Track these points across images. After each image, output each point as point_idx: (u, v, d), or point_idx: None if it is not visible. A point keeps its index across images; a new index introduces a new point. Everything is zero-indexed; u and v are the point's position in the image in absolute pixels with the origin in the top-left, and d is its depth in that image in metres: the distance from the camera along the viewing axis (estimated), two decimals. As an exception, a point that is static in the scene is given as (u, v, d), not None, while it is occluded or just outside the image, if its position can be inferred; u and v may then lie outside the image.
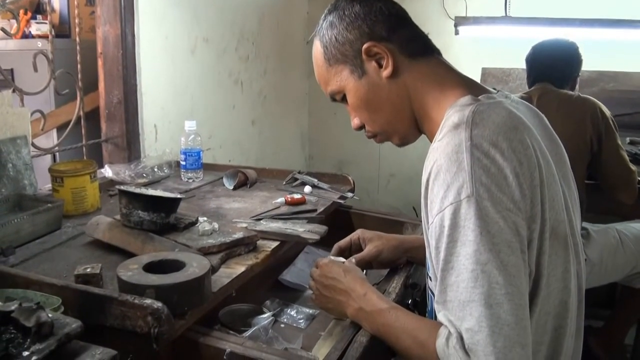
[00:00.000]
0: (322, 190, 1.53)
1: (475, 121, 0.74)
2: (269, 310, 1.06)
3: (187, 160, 1.62)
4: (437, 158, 0.73)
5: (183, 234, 1.05)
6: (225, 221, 1.22)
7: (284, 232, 1.12)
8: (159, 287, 0.78)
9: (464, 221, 0.69)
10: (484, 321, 0.66)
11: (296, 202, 1.38)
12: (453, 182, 0.70)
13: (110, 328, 0.77)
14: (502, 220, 0.68)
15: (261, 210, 1.33)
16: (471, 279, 0.68)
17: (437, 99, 0.83)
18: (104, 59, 1.67)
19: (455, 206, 0.69)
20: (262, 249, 1.07)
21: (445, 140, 0.74)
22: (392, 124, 0.88)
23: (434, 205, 0.73)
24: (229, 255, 1.01)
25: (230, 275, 0.95)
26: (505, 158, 0.70)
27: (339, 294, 0.93)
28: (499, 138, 0.72)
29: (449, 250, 0.70)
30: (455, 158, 0.71)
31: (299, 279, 1.22)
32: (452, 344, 0.69)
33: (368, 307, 0.87)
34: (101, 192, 1.39)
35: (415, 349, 0.78)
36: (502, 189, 0.69)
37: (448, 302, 0.71)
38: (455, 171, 0.70)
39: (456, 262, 0.69)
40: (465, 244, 0.68)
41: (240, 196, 1.48)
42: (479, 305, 0.67)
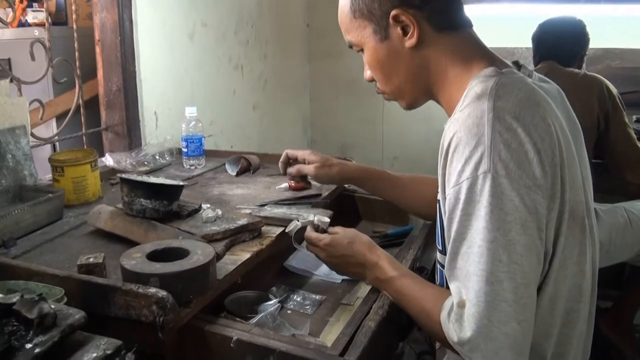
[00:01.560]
0: None
1: (499, 93, 0.73)
2: (275, 297, 1.06)
3: (189, 147, 1.62)
4: (457, 130, 0.73)
5: (186, 222, 1.05)
6: (228, 208, 1.22)
7: (288, 217, 1.11)
8: (163, 275, 0.77)
9: (478, 196, 0.69)
10: (482, 296, 0.68)
11: (300, 187, 1.37)
12: (471, 156, 0.70)
13: (114, 318, 0.76)
14: (517, 197, 0.68)
15: (265, 196, 1.33)
16: (477, 254, 0.69)
17: (460, 75, 0.81)
18: (102, 46, 1.66)
19: (471, 181, 0.69)
20: (267, 235, 1.07)
21: (467, 111, 0.73)
22: (404, 90, 0.87)
23: (451, 177, 0.73)
24: (233, 242, 1.01)
25: (235, 262, 0.94)
26: (527, 133, 0.70)
27: (354, 266, 0.95)
28: (522, 112, 0.71)
29: (462, 222, 0.71)
30: (476, 131, 0.71)
31: (304, 264, 1.21)
32: (452, 318, 0.71)
33: (382, 276, 0.90)
34: (102, 181, 1.39)
35: (422, 317, 0.81)
36: (522, 165, 0.69)
37: (457, 270, 0.72)
38: (475, 145, 0.70)
39: (468, 234, 0.70)
40: (478, 219, 0.69)
41: (243, 182, 1.47)
42: (479, 280, 0.68)
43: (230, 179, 1.52)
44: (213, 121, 2.15)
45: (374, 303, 0.91)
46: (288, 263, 1.22)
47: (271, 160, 1.68)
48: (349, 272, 0.99)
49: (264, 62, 2.53)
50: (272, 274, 1.19)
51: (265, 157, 1.69)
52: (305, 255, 1.23)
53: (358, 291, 1.09)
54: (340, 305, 1.05)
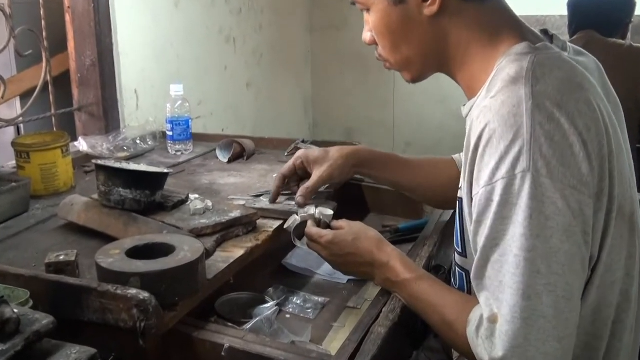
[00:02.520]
0: None
1: (537, 75, 0.71)
2: (272, 299, 1.06)
3: (174, 130, 1.61)
4: (490, 120, 0.71)
5: (172, 214, 1.04)
6: (219, 198, 1.21)
7: (287, 209, 1.11)
8: (144, 274, 0.77)
9: (516, 199, 0.68)
10: (518, 312, 0.67)
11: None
12: (508, 152, 0.68)
13: (88, 324, 0.76)
14: (561, 200, 0.67)
15: (261, 185, 1.33)
16: (513, 264, 0.68)
17: (484, 51, 0.80)
18: (73, 14, 1.65)
19: (507, 181, 0.68)
20: (263, 230, 1.06)
21: (501, 97, 0.72)
22: (412, 62, 0.85)
23: (482, 175, 0.71)
24: (225, 237, 1.01)
25: (227, 260, 0.94)
26: (572, 122, 0.68)
27: (361, 266, 0.95)
28: (564, 97, 0.70)
29: (495, 227, 0.70)
30: (513, 122, 0.69)
31: (305, 262, 1.21)
32: (482, 333, 0.70)
33: (393, 278, 0.90)
34: (75, 168, 1.39)
35: (443, 328, 0.81)
36: (566, 162, 0.67)
37: (487, 279, 0.71)
38: (512, 139, 0.68)
39: (502, 241, 0.69)
40: (514, 224, 0.68)
41: (236, 170, 1.47)
42: (515, 294, 0.68)
43: (221, 166, 1.51)
44: (202, 101, 2.15)
45: (384, 306, 0.90)
46: (287, 261, 1.22)
47: (267, 145, 1.67)
48: (356, 273, 0.99)
49: (259, 33, 2.51)
50: (268, 273, 1.19)
51: (261, 141, 1.68)
52: (306, 253, 1.23)
53: (366, 293, 1.09)
54: (346, 309, 1.04)
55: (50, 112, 1.66)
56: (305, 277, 1.18)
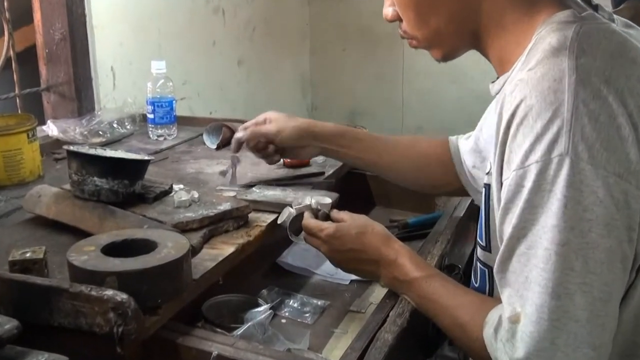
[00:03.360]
0: None
1: (583, 46, 0.70)
2: (265, 302, 1.06)
3: (156, 113, 1.61)
4: (527, 95, 0.70)
5: (153, 207, 1.05)
6: (207, 189, 1.22)
7: (283, 201, 1.11)
8: (123, 274, 0.77)
9: (550, 185, 0.67)
10: (546, 312, 0.67)
11: (297, 163, 1.37)
12: (545, 132, 0.68)
13: (59, 328, 0.76)
14: (603, 189, 0.66)
15: (253, 174, 1.33)
16: (542, 258, 0.68)
17: (520, 19, 0.79)
18: (40, -20, 1.64)
19: (542, 165, 0.67)
20: (256, 224, 1.06)
21: (540, 70, 0.71)
22: (442, 35, 0.84)
23: (514, 157, 0.71)
24: (213, 233, 1.01)
25: (216, 258, 0.94)
26: (621, 101, 0.67)
27: (365, 264, 0.95)
28: (614, 73, 0.69)
29: (524, 216, 0.69)
30: (553, 98, 0.68)
31: (303, 261, 1.21)
32: (502, 336, 0.71)
33: (401, 277, 0.91)
34: (43, 155, 1.39)
35: (456, 331, 0.81)
36: (612, 146, 0.66)
37: (511, 274, 0.71)
38: (550, 118, 0.68)
39: (531, 232, 0.69)
40: (546, 213, 0.67)
41: (225, 158, 1.47)
42: (543, 292, 0.67)
43: (209, 153, 1.51)
44: (187, 80, 2.14)
45: (391, 310, 0.90)
46: (282, 259, 1.22)
47: (261, 130, 1.68)
48: (359, 271, 0.99)
49: (251, 4, 2.50)
50: (262, 272, 1.19)
51: (253, 125, 1.69)
52: (303, 250, 1.24)
53: (371, 295, 1.09)
54: (349, 313, 1.05)
55: (14, 93, 1.66)
56: (303, 278, 1.18)
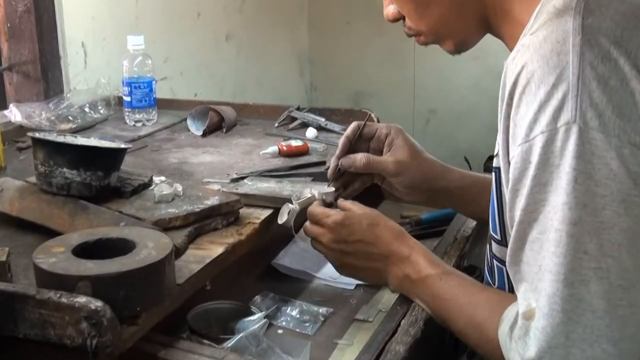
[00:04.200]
0: (332, 133, 1.54)
1: (590, 6, 0.72)
2: (259, 310, 1.06)
3: (133, 95, 1.61)
4: (528, 61, 0.72)
5: (131, 202, 1.05)
6: (192, 182, 1.22)
7: (279, 195, 1.11)
8: (97, 278, 0.77)
9: (558, 159, 0.68)
10: (558, 303, 0.68)
11: (295, 151, 1.38)
12: (549, 99, 0.69)
13: (24, 340, 0.76)
14: (617, 160, 0.67)
15: (244, 165, 1.33)
16: (553, 242, 0.69)
17: None
18: (0, -57, 1.64)
19: (548, 136, 0.69)
20: (248, 221, 1.06)
21: (543, 33, 0.73)
22: (447, 23, 0.87)
23: (518, 130, 0.72)
24: (199, 231, 1.01)
25: (203, 260, 0.94)
26: (634, 64, 0.69)
27: (374, 259, 0.97)
28: (625, 34, 0.70)
29: (533, 196, 0.70)
30: (556, 62, 0.69)
31: (302, 263, 1.21)
32: (516, 333, 0.72)
33: (414, 274, 0.92)
34: (5, 144, 1.38)
35: (472, 333, 0.83)
36: (625, 112, 0.67)
37: (524, 265, 0.72)
38: (554, 82, 0.69)
39: (542, 214, 0.70)
40: (556, 191, 0.68)
41: (213, 145, 1.48)
42: (555, 280, 0.68)
43: (193, 140, 1.52)
44: (168, 57, 2.15)
45: (402, 318, 0.90)
46: (278, 261, 1.22)
47: (253, 114, 1.68)
48: (364, 270, 0.99)
49: (241, -30, 2.51)
50: (255, 276, 1.19)
51: (245, 109, 1.68)
52: (302, 250, 1.24)
53: (380, 301, 1.09)
54: (354, 322, 1.04)
55: (-29, 72, 1.66)
56: (302, 282, 1.18)
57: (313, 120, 1.58)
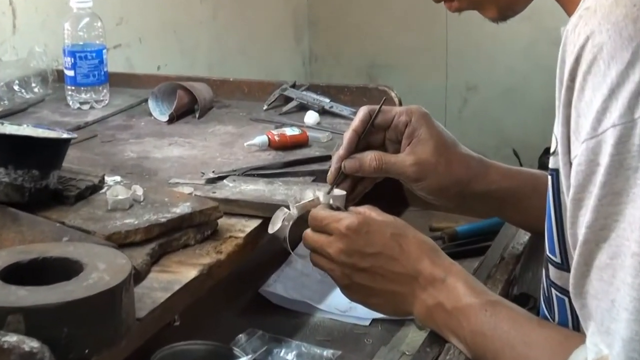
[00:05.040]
0: (339, 119, 1.54)
1: None
2: (245, 353, 1.06)
3: (78, 68, 1.61)
4: (595, 30, 0.72)
5: (76, 210, 1.05)
6: (156, 183, 1.22)
7: (270, 200, 1.11)
8: (32, 310, 0.77)
9: (636, 160, 0.68)
10: (638, 351, 0.68)
11: (290, 143, 1.38)
12: (623, 81, 0.69)
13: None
14: None
15: (224, 160, 1.34)
16: (631, 269, 0.68)
17: None
18: None
19: (621, 130, 0.69)
20: (229, 235, 1.07)
21: None
22: None
23: (583, 122, 0.72)
24: (165, 248, 1.01)
25: (170, 287, 0.94)
26: None
27: (395, 281, 0.96)
28: None
29: (602, 208, 0.70)
30: (632, 32, 0.70)
31: (299, 291, 1.22)
32: None
33: (450, 302, 0.91)
34: None
35: None
36: None
37: (591, 298, 0.73)
38: (630, 60, 0.69)
39: (614, 232, 0.70)
40: (634, 202, 0.68)
41: (182, 135, 1.48)
42: (633, 320, 0.68)
43: (157, 128, 1.52)
44: (123, 18, 2.15)
45: (434, 363, 0.90)
46: (268, 288, 1.23)
47: (234, 93, 1.68)
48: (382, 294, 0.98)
49: None
50: (238, 308, 1.20)
51: (224, 86, 1.69)
52: (298, 275, 1.25)
53: (403, 341, 1.09)
54: (369, 367, 1.05)
55: None
56: (301, 316, 1.19)
57: (314, 101, 1.58)
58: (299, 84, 1.66)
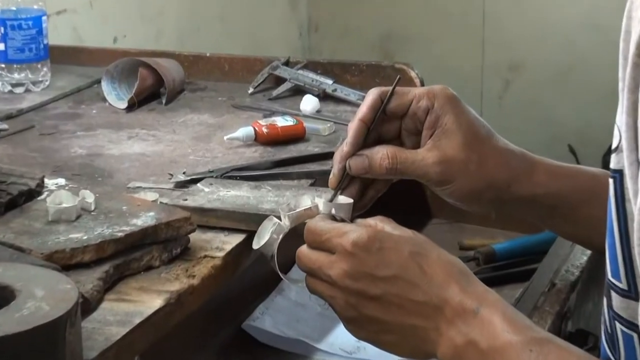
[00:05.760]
0: (345, 105, 1.56)
1: None
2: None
3: (10, 41, 1.63)
4: None
5: (7, 221, 1.06)
6: (111, 188, 1.23)
7: (255, 209, 1.12)
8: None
9: None
10: None
11: (283, 136, 1.39)
12: None
13: None
14: None
15: (197, 158, 1.35)
16: None
17: None
18: None
19: None
20: (204, 254, 1.07)
21: None
22: None
23: None
24: (123, 270, 1.02)
25: (129, 320, 0.94)
26: None
27: (415, 313, 0.95)
28: None
29: None
30: None
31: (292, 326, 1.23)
32: None
33: (484, 340, 0.90)
34: None
35: None
36: None
37: None
38: None
39: None
40: None
41: (145, 125, 1.50)
42: None
43: (113, 117, 1.54)
44: (69, -24, 2.17)
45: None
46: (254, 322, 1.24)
47: (211, 72, 1.71)
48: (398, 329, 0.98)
49: None
50: (217, 346, 1.21)
51: (198, 64, 1.71)
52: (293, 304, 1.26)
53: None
54: None
55: None
56: (294, 358, 1.19)
57: (313, 83, 1.59)
58: (293, 60, 1.68)
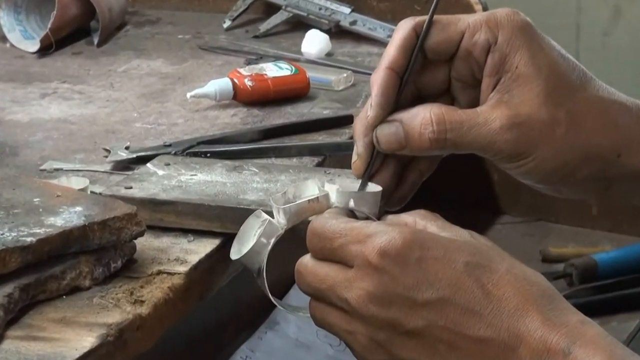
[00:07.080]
0: (367, 45, 1.60)
1: None
2: None
3: None
4: None
5: None
6: (15, 169, 1.26)
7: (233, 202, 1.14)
8: None
9: None
10: None
11: (275, 91, 1.42)
12: None
13: None
14: None
15: (147, 126, 1.38)
16: None
17: None
18: None
19: None
20: (159, 269, 1.10)
21: None
22: None
23: None
24: (34, 293, 1.04)
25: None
26: None
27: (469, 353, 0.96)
28: None
29: None
30: None
31: None
32: None
33: None
34: None
35: None
36: None
37: None
38: None
39: None
40: None
41: (68, 77, 1.53)
42: None
43: (19, 64, 1.58)
44: None
45: None
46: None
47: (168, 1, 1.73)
48: None
49: None
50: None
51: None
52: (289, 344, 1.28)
53: None
54: None
55: None
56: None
57: (320, 11, 1.60)
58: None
